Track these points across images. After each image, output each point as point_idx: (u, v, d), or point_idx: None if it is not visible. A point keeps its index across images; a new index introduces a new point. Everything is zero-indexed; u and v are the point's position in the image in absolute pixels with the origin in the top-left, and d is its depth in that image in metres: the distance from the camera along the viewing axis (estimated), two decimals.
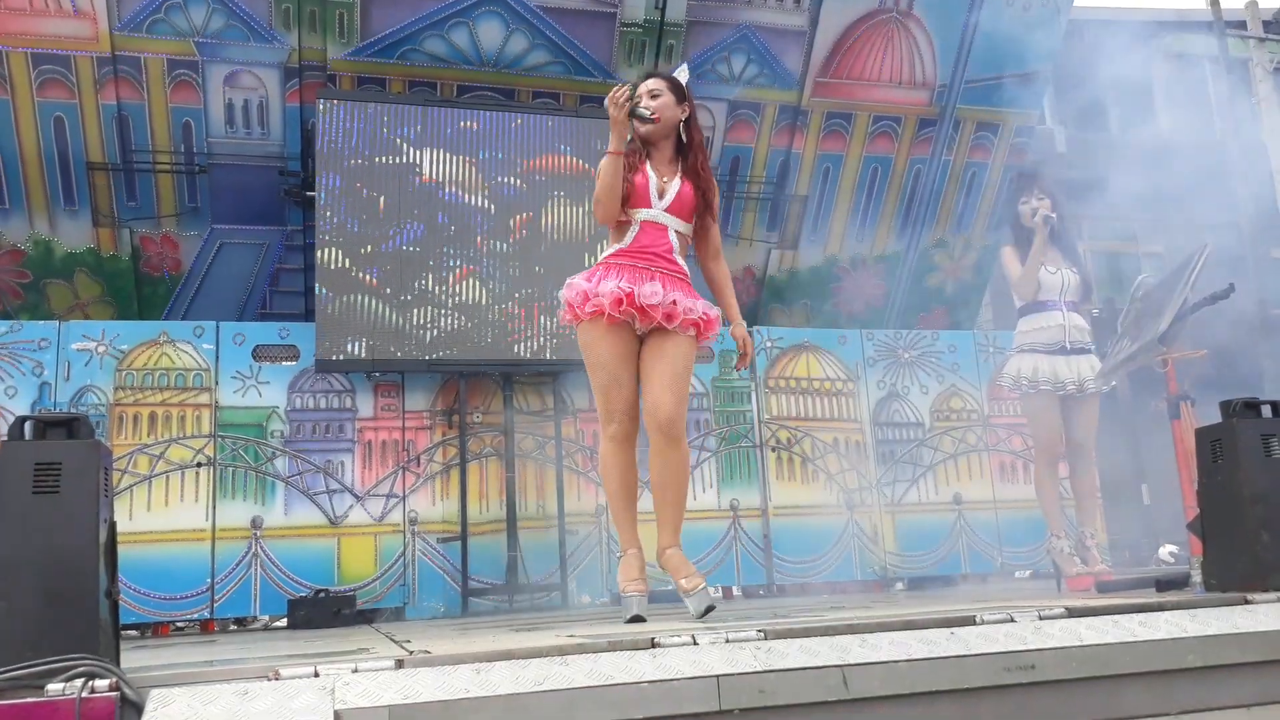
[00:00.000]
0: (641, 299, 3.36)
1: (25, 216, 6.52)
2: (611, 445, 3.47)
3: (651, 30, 6.88)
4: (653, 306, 3.36)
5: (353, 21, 6.48)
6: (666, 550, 3.42)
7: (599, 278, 3.44)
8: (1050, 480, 4.69)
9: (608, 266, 3.48)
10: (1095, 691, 2.47)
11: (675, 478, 3.42)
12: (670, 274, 3.47)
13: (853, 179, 7.72)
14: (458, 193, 6.37)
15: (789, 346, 6.93)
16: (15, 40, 6.12)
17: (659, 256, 3.47)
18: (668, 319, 3.38)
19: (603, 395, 3.46)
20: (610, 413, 3.45)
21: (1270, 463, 3.08)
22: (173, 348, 5.98)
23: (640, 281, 3.40)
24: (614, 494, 3.50)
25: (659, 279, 3.43)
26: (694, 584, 3.31)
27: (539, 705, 2.09)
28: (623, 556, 3.47)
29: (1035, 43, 7.57)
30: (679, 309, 3.40)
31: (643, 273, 3.43)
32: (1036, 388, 4.59)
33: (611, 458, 3.47)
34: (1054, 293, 4.67)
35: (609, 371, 3.43)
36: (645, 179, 3.53)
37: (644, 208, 3.51)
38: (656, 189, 3.52)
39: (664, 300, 3.38)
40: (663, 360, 3.40)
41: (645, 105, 3.50)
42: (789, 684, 2.24)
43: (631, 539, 3.47)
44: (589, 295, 3.41)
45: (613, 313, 3.36)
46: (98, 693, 1.97)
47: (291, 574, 5.80)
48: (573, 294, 3.46)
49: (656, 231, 3.50)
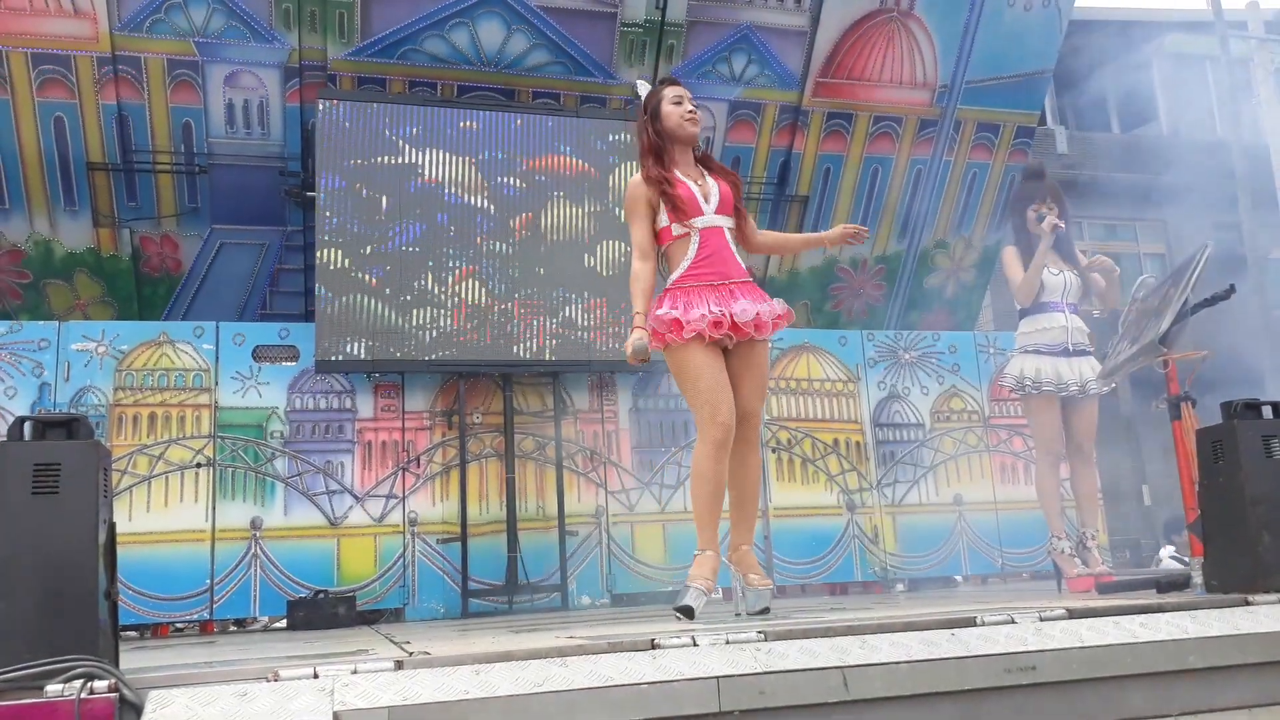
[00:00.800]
0: (737, 319, 3.47)
1: (25, 217, 6.52)
2: (717, 451, 3.49)
3: (652, 30, 6.88)
4: (746, 324, 3.49)
5: (353, 21, 6.48)
6: (742, 547, 3.59)
7: (682, 303, 3.50)
8: (1051, 481, 4.69)
9: (686, 291, 3.53)
10: (1096, 693, 2.47)
11: (756, 480, 3.67)
12: (742, 282, 3.58)
13: (853, 179, 7.71)
14: (458, 193, 6.36)
15: (789, 347, 6.93)
16: (15, 40, 6.12)
17: (725, 264, 3.56)
18: (758, 330, 3.52)
19: (710, 408, 3.48)
20: (718, 423, 3.48)
21: (1271, 464, 3.08)
22: (172, 348, 5.98)
23: (726, 302, 3.50)
24: (709, 496, 3.52)
25: (737, 293, 3.53)
26: (764, 582, 3.52)
27: (539, 706, 2.08)
28: (700, 554, 3.51)
29: (1036, 43, 7.57)
30: (765, 318, 3.53)
31: (722, 290, 3.52)
32: (1038, 389, 4.59)
33: (712, 463, 3.49)
34: (1055, 294, 4.67)
35: (716, 385, 3.49)
36: (688, 188, 3.58)
37: (698, 216, 3.56)
38: (701, 194, 3.59)
39: (753, 315, 3.50)
40: (751, 371, 3.59)
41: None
42: (789, 685, 2.24)
43: (713, 540, 3.53)
44: (681, 323, 3.46)
45: (713, 336, 3.46)
46: (97, 694, 1.97)
47: (291, 575, 5.79)
48: (661, 324, 3.51)
49: (715, 236, 3.58)
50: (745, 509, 3.62)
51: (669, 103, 3.64)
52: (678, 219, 3.55)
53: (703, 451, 3.50)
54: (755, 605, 3.46)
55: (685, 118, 3.62)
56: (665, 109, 3.64)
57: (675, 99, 3.64)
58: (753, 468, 3.64)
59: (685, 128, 3.62)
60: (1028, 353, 4.68)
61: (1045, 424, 4.63)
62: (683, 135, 3.63)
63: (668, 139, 3.63)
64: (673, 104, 3.64)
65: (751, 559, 3.57)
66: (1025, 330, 4.74)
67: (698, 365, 3.48)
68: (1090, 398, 4.61)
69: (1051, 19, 7.52)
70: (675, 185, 3.55)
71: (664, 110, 3.64)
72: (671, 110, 3.63)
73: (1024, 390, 4.66)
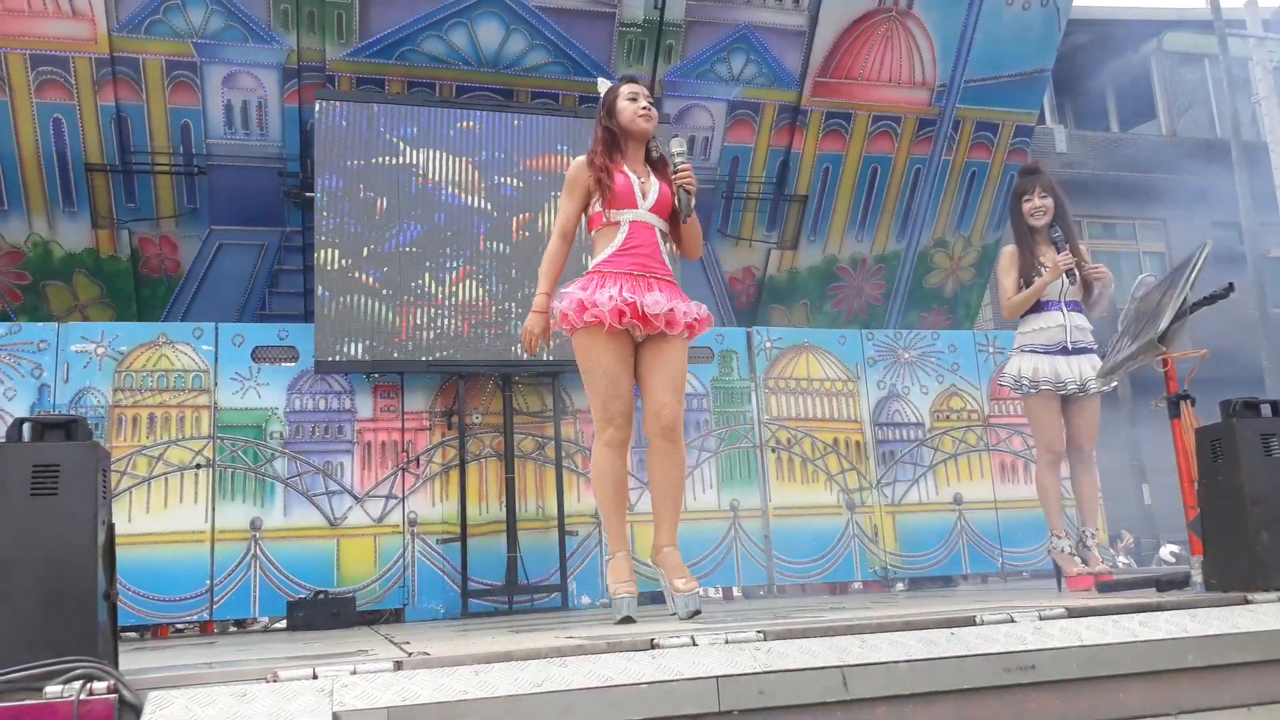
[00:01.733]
0: (646, 309, 3.41)
1: (24, 218, 6.52)
2: (608, 450, 3.50)
3: (651, 30, 6.88)
4: (656, 316, 3.42)
5: (351, 22, 6.48)
6: (664, 549, 3.48)
7: (594, 286, 3.47)
8: (1052, 479, 4.68)
9: (603, 275, 3.50)
10: (1095, 692, 2.47)
11: (676, 479, 3.51)
12: (664, 279, 3.53)
13: (852, 179, 7.71)
14: (456, 193, 6.36)
15: (789, 347, 6.93)
16: (14, 41, 6.12)
17: (650, 258, 3.53)
18: (669, 325, 3.45)
19: (601, 401, 3.49)
20: (609, 418, 3.48)
21: (1270, 462, 3.08)
22: (172, 349, 5.98)
23: (641, 291, 3.44)
24: (608, 498, 3.53)
25: (656, 286, 3.48)
26: (688, 586, 3.38)
27: (538, 707, 2.08)
28: (612, 559, 3.53)
29: (1034, 42, 7.57)
30: (678, 315, 3.47)
31: (639, 280, 3.48)
32: (1037, 387, 4.58)
33: (607, 462, 3.50)
34: (1053, 293, 4.66)
35: (609, 379, 3.47)
36: (627, 180, 3.58)
37: (630, 208, 3.56)
38: (640, 189, 3.58)
39: (666, 309, 3.44)
40: (664, 365, 3.48)
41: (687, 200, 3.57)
42: (789, 684, 2.24)
43: (622, 542, 3.53)
44: (585, 305, 3.43)
45: (614, 324, 3.40)
46: (96, 695, 1.97)
47: (291, 575, 5.79)
48: (568, 303, 3.48)
49: (645, 231, 3.56)
50: (668, 509, 3.49)
51: (624, 99, 3.66)
52: (610, 206, 3.55)
53: (595, 450, 3.51)
54: (685, 610, 3.31)
55: (639, 114, 3.62)
56: (620, 104, 3.66)
57: (630, 95, 3.66)
58: (675, 466, 3.49)
59: (638, 123, 3.62)
60: (1026, 352, 4.67)
61: (1045, 423, 4.63)
62: (635, 130, 3.63)
63: (621, 134, 3.65)
64: (628, 100, 3.66)
65: (674, 561, 3.44)
66: (1024, 330, 4.73)
67: (596, 355, 3.45)
68: (1091, 396, 4.60)
69: (1050, 18, 7.52)
70: (613, 175, 3.56)
71: (619, 106, 3.66)
72: (625, 106, 3.64)
73: (1022, 389, 4.65)
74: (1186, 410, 3.67)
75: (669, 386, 3.47)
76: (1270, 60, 15.06)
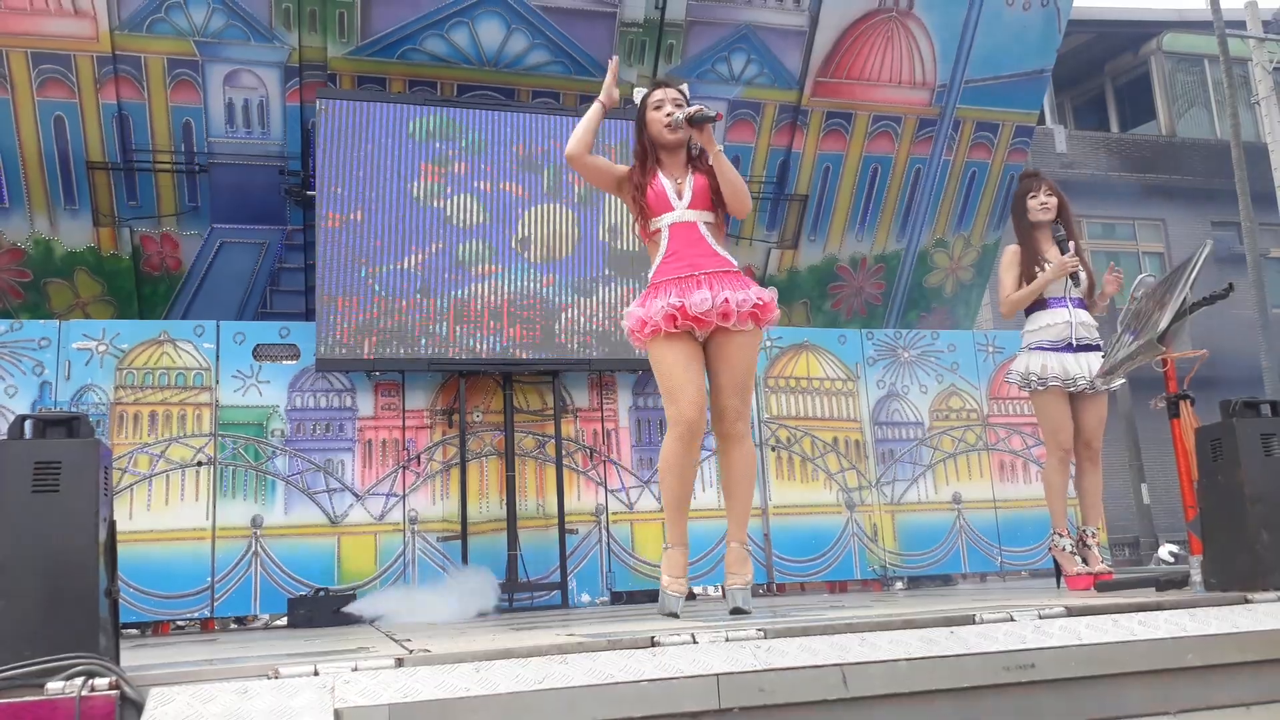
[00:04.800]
0: (693, 310, 3.43)
1: (26, 216, 6.52)
2: (678, 445, 3.50)
3: (651, 30, 6.88)
4: (706, 314, 3.44)
5: (353, 21, 6.48)
6: (731, 543, 3.57)
7: (649, 300, 3.54)
8: (1060, 476, 4.65)
9: (655, 287, 3.56)
10: (1095, 690, 2.47)
11: (744, 475, 3.57)
12: (714, 272, 3.52)
13: (852, 179, 7.71)
14: (458, 192, 6.36)
15: (789, 346, 6.93)
16: (15, 40, 6.11)
17: (698, 256, 3.54)
18: (724, 318, 3.46)
19: (669, 399, 3.52)
20: (679, 414, 3.49)
21: (1270, 462, 3.08)
22: (173, 347, 5.98)
23: (688, 292, 3.46)
24: (670, 490, 3.55)
25: (704, 283, 3.48)
26: (738, 581, 3.48)
27: (539, 704, 2.09)
28: (669, 550, 3.55)
29: (1035, 42, 7.57)
30: (733, 306, 3.45)
31: (687, 281, 3.49)
32: (1046, 384, 4.57)
33: (675, 457, 3.51)
34: (1057, 290, 4.66)
35: (673, 377, 3.50)
36: (660, 188, 3.61)
37: (667, 213, 3.59)
38: (674, 191, 3.60)
39: (715, 304, 3.43)
40: (725, 364, 3.53)
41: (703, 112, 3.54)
42: (789, 683, 2.24)
43: (681, 536, 3.55)
44: (645, 321, 3.50)
45: (669, 329, 3.45)
46: (97, 691, 1.98)
47: (291, 573, 5.80)
48: (632, 323, 3.56)
49: (687, 230, 3.57)
50: (736, 505, 3.59)
51: (651, 109, 3.67)
52: (649, 216, 3.61)
53: (666, 444, 3.54)
54: (729, 605, 3.46)
55: (664, 124, 3.62)
56: (649, 116, 3.67)
57: (656, 104, 3.67)
58: (737, 462, 3.56)
59: (664, 135, 3.62)
60: (1033, 349, 4.66)
61: (1055, 419, 4.61)
62: (663, 142, 3.64)
63: (653, 145, 3.67)
64: (654, 110, 3.66)
65: (735, 555, 3.54)
66: (1030, 328, 4.73)
67: (663, 360, 3.51)
68: (1098, 394, 4.60)
69: (1050, 18, 7.52)
70: (645, 191, 3.61)
71: (648, 117, 3.68)
72: (653, 117, 3.66)
73: (1030, 386, 4.64)
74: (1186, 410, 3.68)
75: (730, 387, 3.52)
76: (1270, 60, 15.05)
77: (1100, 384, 4.54)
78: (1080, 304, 4.66)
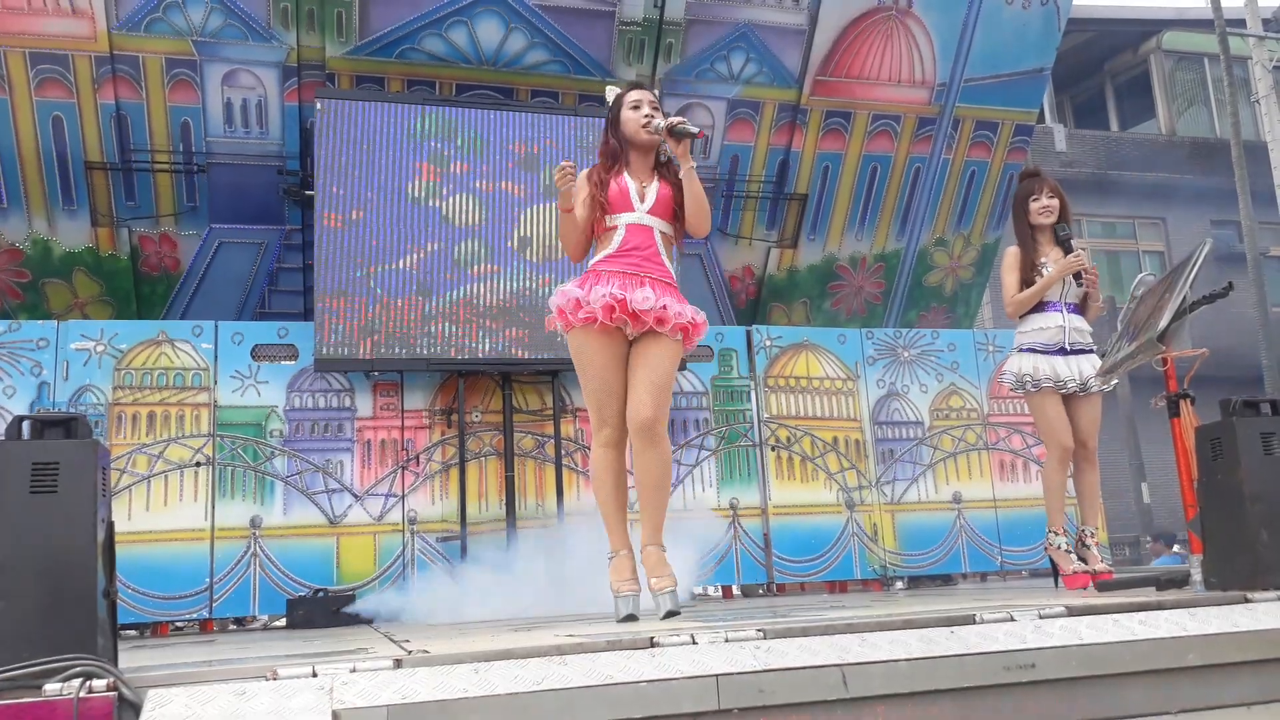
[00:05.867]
0: (634, 305, 3.42)
1: (24, 216, 6.51)
2: (604, 450, 3.53)
3: (650, 29, 6.87)
4: (645, 312, 3.43)
5: (351, 20, 6.47)
6: (647, 547, 3.50)
7: (590, 285, 3.50)
8: (1059, 476, 4.65)
9: (598, 274, 3.54)
10: (1095, 690, 2.47)
11: (657, 477, 3.50)
12: (659, 280, 3.54)
13: (852, 178, 7.71)
14: (457, 191, 6.36)
15: (788, 345, 6.93)
16: (13, 40, 6.11)
17: (646, 260, 3.55)
18: (659, 323, 3.46)
19: (595, 401, 3.53)
20: (603, 419, 3.52)
21: (1270, 461, 3.08)
22: (171, 347, 5.97)
23: (631, 288, 3.46)
24: (606, 498, 3.56)
25: (649, 284, 3.48)
26: (663, 585, 3.38)
27: (538, 704, 2.08)
28: (614, 558, 3.53)
29: (1034, 41, 7.56)
30: (670, 313, 3.47)
31: (632, 279, 3.50)
32: (1038, 385, 4.58)
33: (603, 462, 3.54)
34: (1054, 294, 4.66)
35: (601, 379, 3.50)
36: (623, 186, 3.60)
37: (627, 212, 3.58)
38: (637, 193, 3.60)
39: (655, 305, 3.44)
40: (646, 365, 3.48)
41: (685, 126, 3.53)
42: (788, 683, 2.24)
43: (623, 541, 3.54)
44: (581, 303, 3.46)
45: (605, 320, 3.42)
46: (95, 693, 1.97)
47: (290, 573, 5.79)
48: (564, 300, 3.52)
49: (642, 233, 3.57)
50: (649, 508, 3.49)
51: (628, 108, 3.67)
52: (608, 212, 3.58)
53: (596, 453, 3.55)
54: (659, 610, 3.31)
55: (641, 124, 3.61)
56: (624, 115, 3.67)
57: (634, 104, 3.66)
58: (654, 465, 3.46)
59: (639, 135, 3.62)
60: (1025, 351, 4.67)
61: (1051, 418, 4.61)
62: (638, 141, 3.64)
63: (625, 144, 3.66)
64: (630, 109, 3.66)
65: (655, 559, 3.44)
66: (1023, 329, 4.73)
67: (590, 356, 3.50)
68: (1092, 395, 4.60)
69: (1050, 17, 7.51)
70: (607, 187, 3.59)
71: (623, 116, 3.67)
72: (629, 116, 3.65)
73: (1023, 387, 4.65)
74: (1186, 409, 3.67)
75: (648, 385, 3.45)
76: (1270, 60, 15.05)
77: (1095, 385, 4.55)
78: (1074, 309, 4.66)
